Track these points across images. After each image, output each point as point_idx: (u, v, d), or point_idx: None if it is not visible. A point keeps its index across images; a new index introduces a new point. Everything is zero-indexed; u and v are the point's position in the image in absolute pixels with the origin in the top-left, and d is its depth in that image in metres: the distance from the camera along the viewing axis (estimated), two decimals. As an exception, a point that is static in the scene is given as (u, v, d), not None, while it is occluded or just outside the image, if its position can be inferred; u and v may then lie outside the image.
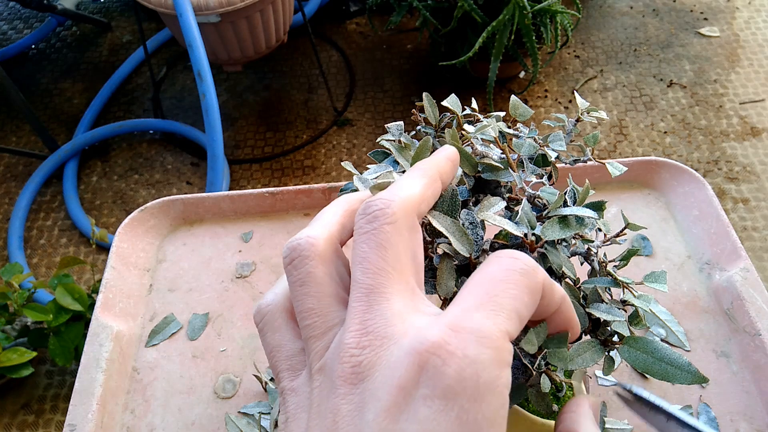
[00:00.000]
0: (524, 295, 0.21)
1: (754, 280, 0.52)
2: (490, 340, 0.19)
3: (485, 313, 0.19)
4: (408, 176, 0.25)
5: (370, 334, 0.20)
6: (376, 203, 0.22)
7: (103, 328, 0.53)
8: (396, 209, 0.22)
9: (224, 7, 1.34)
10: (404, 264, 0.21)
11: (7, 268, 1.15)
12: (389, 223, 0.21)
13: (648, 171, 0.63)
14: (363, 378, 0.19)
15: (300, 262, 0.22)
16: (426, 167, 0.26)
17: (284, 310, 0.24)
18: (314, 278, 0.22)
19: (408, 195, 0.23)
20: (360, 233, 0.22)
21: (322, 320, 0.22)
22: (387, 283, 0.21)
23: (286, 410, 0.22)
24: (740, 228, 1.49)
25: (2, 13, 2.24)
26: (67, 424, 0.47)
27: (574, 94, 0.53)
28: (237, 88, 1.92)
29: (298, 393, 0.22)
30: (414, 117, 0.37)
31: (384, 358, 0.19)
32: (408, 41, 2.03)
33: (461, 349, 0.18)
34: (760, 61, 1.87)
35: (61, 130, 1.85)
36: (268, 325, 0.24)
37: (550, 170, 0.35)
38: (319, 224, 0.24)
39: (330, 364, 0.20)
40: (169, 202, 0.62)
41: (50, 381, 1.31)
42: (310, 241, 0.23)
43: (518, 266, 0.21)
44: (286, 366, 0.23)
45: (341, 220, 0.25)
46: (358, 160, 1.70)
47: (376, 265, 0.21)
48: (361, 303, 0.20)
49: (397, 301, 0.20)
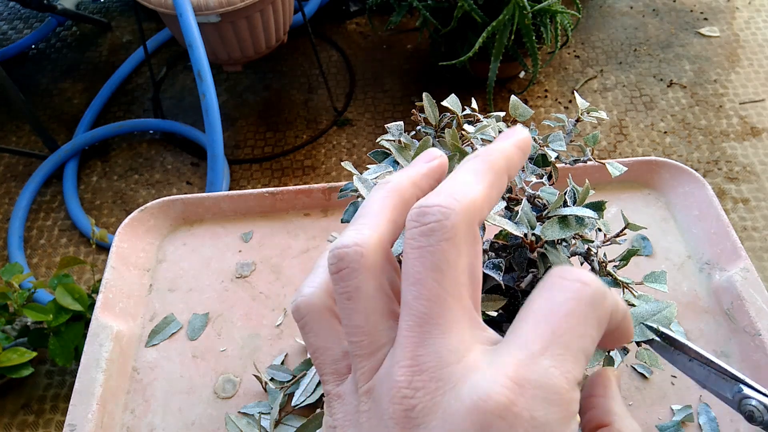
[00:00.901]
0: (593, 330, 0.18)
1: (754, 280, 0.52)
2: (559, 395, 0.17)
3: (552, 361, 0.17)
4: (470, 170, 0.21)
5: (424, 373, 0.18)
6: (433, 212, 0.19)
7: (103, 328, 0.53)
8: (456, 221, 0.19)
9: (224, 7, 1.34)
10: (462, 285, 0.19)
11: (7, 268, 1.15)
12: (447, 239, 0.19)
13: (648, 171, 0.63)
14: (417, 425, 0.18)
15: (348, 275, 0.20)
16: (493, 159, 0.22)
17: (324, 308, 0.23)
18: (363, 293, 0.20)
19: (470, 199, 0.20)
20: (413, 246, 0.19)
21: (370, 339, 0.20)
22: (443, 312, 0.19)
23: (334, 416, 0.21)
24: (740, 228, 1.49)
25: (2, 13, 2.24)
26: (67, 424, 0.47)
27: (574, 94, 0.53)
28: (237, 88, 1.92)
29: (345, 402, 0.21)
30: (414, 117, 0.37)
31: (440, 405, 0.18)
32: (408, 41, 2.03)
33: (528, 411, 0.17)
34: (760, 61, 1.87)
35: (61, 130, 1.85)
36: (309, 325, 0.23)
37: (550, 170, 0.35)
38: (367, 224, 0.21)
39: (379, 394, 0.19)
40: (169, 202, 0.62)
41: (50, 381, 1.31)
42: (359, 251, 0.20)
43: (588, 294, 0.18)
44: (331, 370, 0.22)
45: (391, 215, 0.22)
46: (358, 160, 1.70)
47: (431, 290, 0.19)
48: (413, 333, 0.19)
49: (453, 334, 0.19)
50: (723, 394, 0.23)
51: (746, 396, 0.22)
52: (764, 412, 0.21)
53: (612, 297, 0.19)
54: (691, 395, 0.49)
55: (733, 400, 0.22)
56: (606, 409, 0.22)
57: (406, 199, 0.22)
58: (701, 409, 0.48)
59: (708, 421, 0.48)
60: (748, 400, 0.22)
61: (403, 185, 0.23)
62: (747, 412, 0.22)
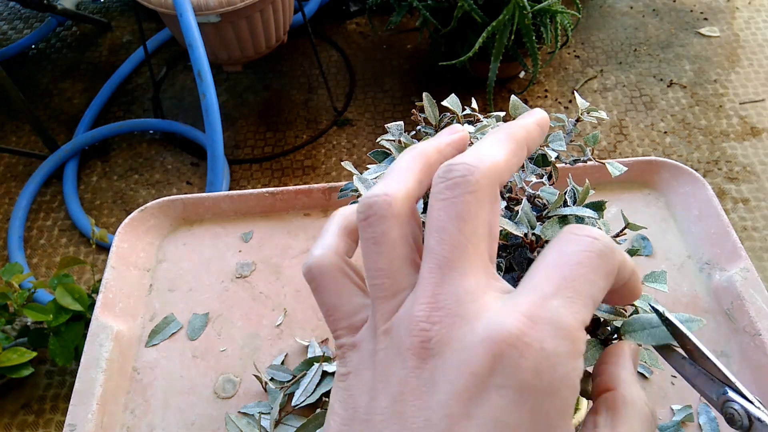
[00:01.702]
0: (601, 280, 0.20)
1: (754, 280, 0.52)
2: (567, 331, 0.18)
3: (562, 301, 0.19)
4: (493, 138, 0.23)
5: (441, 309, 0.19)
6: (458, 168, 0.21)
7: (103, 328, 0.53)
8: (479, 177, 0.21)
9: (224, 7, 1.34)
10: (481, 237, 0.21)
11: (7, 268, 1.15)
12: (471, 192, 0.20)
13: (648, 171, 0.63)
14: (433, 355, 0.19)
15: (376, 221, 0.22)
16: (514, 131, 0.24)
17: (336, 267, 0.24)
18: (389, 239, 0.22)
19: (493, 161, 0.21)
20: (438, 198, 0.21)
21: (392, 282, 0.21)
22: (462, 257, 0.20)
23: (347, 364, 0.22)
24: (740, 228, 1.49)
25: (2, 13, 2.24)
26: (67, 424, 0.47)
27: (574, 94, 0.53)
28: (237, 88, 1.92)
29: (360, 349, 0.22)
30: (414, 117, 0.37)
31: (455, 338, 0.19)
32: (408, 41, 2.03)
33: (539, 341, 0.18)
34: (760, 61, 1.87)
35: (61, 130, 1.85)
36: (322, 285, 0.24)
37: (550, 170, 0.35)
38: (396, 179, 0.23)
39: (398, 331, 0.20)
40: (169, 202, 0.62)
41: (50, 381, 1.31)
42: (387, 200, 0.22)
43: (597, 248, 0.20)
44: (346, 324, 0.23)
45: (419, 176, 0.23)
46: (358, 160, 1.70)
47: (453, 236, 0.20)
48: (434, 275, 0.20)
49: (470, 278, 0.20)
50: (708, 394, 0.23)
51: (730, 399, 0.22)
52: (744, 417, 0.21)
53: (621, 253, 0.21)
54: (691, 395, 0.49)
55: (717, 402, 0.23)
56: (614, 376, 0.23)
57: (431, 163, 0.24)
58: (701, 409, 0.48)
59: (708, 421, 0.48)
60: (730, 403, 0.22)
61: (429, 150, 0.24)
62: (728, 414, 0.22)
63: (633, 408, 0.22)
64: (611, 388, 0.23)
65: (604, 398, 0.23)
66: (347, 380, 0.22)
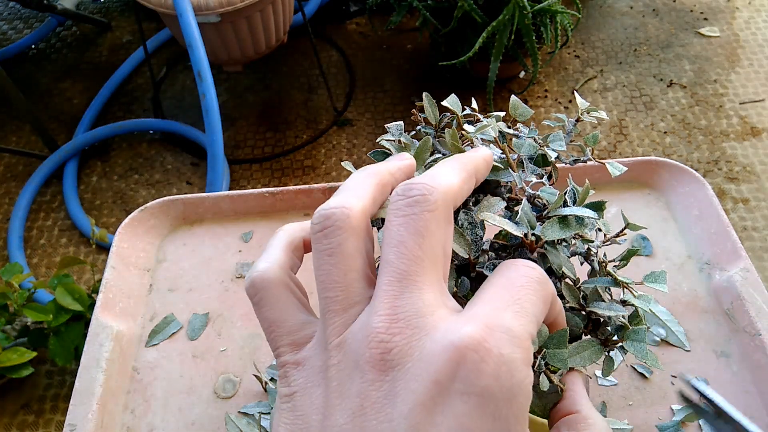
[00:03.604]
0: (541, 303, 0.22)
1: (754, 280, 0.52)
2: (520, 340, 0.19)
3: (512, 314, 0.20)
4: (447, 166, 0.24)
5: (401, 321, 0.20)
6: (418, 187, 0.22)
7: (103, 328, 0.53)
8: (438, 197, 0.21)
9: (224, 7, 1.34)
10: (437, 255, 0.21)
11: (7, 268, 1.15)
12: (430, 210, 0.21)
13: (648, 171, 0.63)
14: (393, 366, 0.19)
15: (332, 232, 0.22)
16: (465, 161, 0.25)
17: (280, 282, 0.24)
18: (344, 251, 0.22)
19: (449, 185, 0.22)
20: (398, 214, 0.21)
21: (346, 294, 0.21)
22: (421, 271, 0.21)
23: (291, 383, 0.21)
24: (740, 228, 1.49)
25: (2, 13, 2.24)
26: (67, 424, 0.47)
27: (574, 94, 0.53)
28: (237, 88, 1.92)
29: (306, 367, 0.21)
30: (414, 117, 0.37)
31: (416, 348, 0.19)
32: (408, 41, 2.03)
33: (497, 347, 0.19)
34: (760, 61, 1.87)
35: (61, 130, 1.85)
36: (265, 299, 0.24)
37: (550, 170, 0.35)
38: (352, 194, 0.23)
39: (353, 345, 0.20)
40: (169, 202, 0.62)
41: (50, 381, 1.31)
42: (345, 212, 0.22)
43: (535, 275, 0.22)
44: (288, 341, 0.22)
45: (373, 193, 0.24)
46: (358, 160, 1.70)
47: (412, 251, 0.21)
48: (392, 287, 0.20)
49: (428, 292, 0.20)
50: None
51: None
52: None
53: (553, 287, 0.23)
54: (691, 395, 0.49)
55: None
56: (575, 401, 0.25)
57: (384, 183, 0.25)
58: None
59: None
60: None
61: (382, 171, 0.25)
62: None
63: (596, 428, 0.24)
64: (573, 411, 0.25)
65: (566, 421, 0.24)
66: (293, 401, 0.21)
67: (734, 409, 0.24)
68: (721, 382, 0.49)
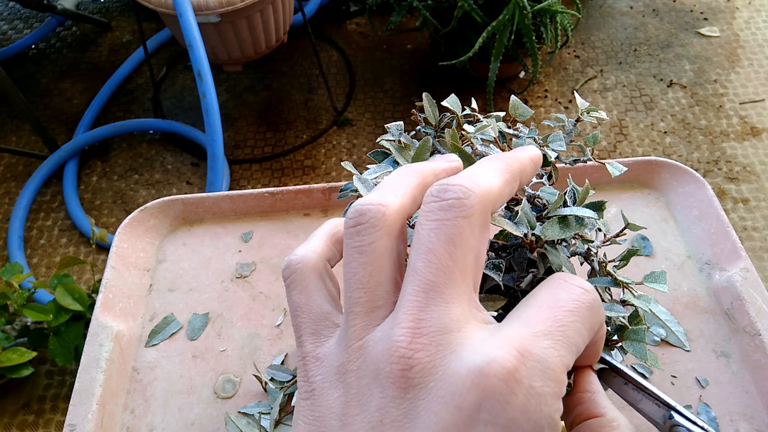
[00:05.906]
0: (585, 331, 0.20)
1: (754, 280, 0.52)
2: (555, 373, 0.18)
3: (552, 342, 0.18)
4: (490, 165, 0.22)
5: (424, 336, 0.18)
6: (454, 189, 0.20)
7: (103, 328, 0.53)
8: (475, 202, 0.20)
9: (224, 7, 1.34)
10: (469, 264, 0.20)
11: (7, 268, 1.15)
12: (465, 216, 0.20)
13: (648, 171, 0.63)
14: (414, 385, 0.18)
15: (365, 229, 0.21)
16: (510, 161, 0.23)
17: (315, 269, 0.23)
18: (375, 250, 0.21)
19: (489, 187, 0.21)
20: (430, 218, 0.20)
21: (370, 297, 0.20)
22: (449, 282, 0.19)
23: (310, 379, 0.21)
24: (740, 228, 1.49)
25: (2, 13, 2.24)
26: (67, 424, 0.47)
27: (574, 94, 0.53)
28: (237, 88, 1.92)
29: (324, 364, 0.21)
30: (414, 117, 0.37)
31: (439, 367, 0.18)
32: (408, 41, 2.02)
33: (528, 379, 0.17)
34: (760, 61, 1.87)
35: (61, 130, 1.85)
36: (296, 282, 0.23)
37: (550, 170, 0.35)
38: (391, 192, 0.22)
39: (374, 355, 0.19)
40: (169, 202, 0.62)
41: (50, 381, 1.31)
42: (381, 209, 0.21)
43: (588, 300, 0.20)
44: (311, 329, 0.22)
45: (414, 192, 0.22)
46: (358, 160, 1.70)
47: (441, 260, 0.19)
48: (418, 298, 0.19)
49: (455, 306, 0.19)
50: (654, 418, 0.24)
51: (676, 423, 0.22)
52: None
53: (603, 313, 0.21)
54: (691, 395, 0.49)
55: (663, 426, 0.23)
56: (597, 403, 0.23)
57: (426, 184, 0.23)
58: (701, 409, 0.48)
59: (708, 421, 0.48)
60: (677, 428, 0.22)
61: (426, 171, 0.24)
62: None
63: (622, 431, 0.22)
64: (597, 414, 0.23)
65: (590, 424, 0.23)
66: (312, 398, 0.21)
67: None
68: (721, 382, 0.49)
